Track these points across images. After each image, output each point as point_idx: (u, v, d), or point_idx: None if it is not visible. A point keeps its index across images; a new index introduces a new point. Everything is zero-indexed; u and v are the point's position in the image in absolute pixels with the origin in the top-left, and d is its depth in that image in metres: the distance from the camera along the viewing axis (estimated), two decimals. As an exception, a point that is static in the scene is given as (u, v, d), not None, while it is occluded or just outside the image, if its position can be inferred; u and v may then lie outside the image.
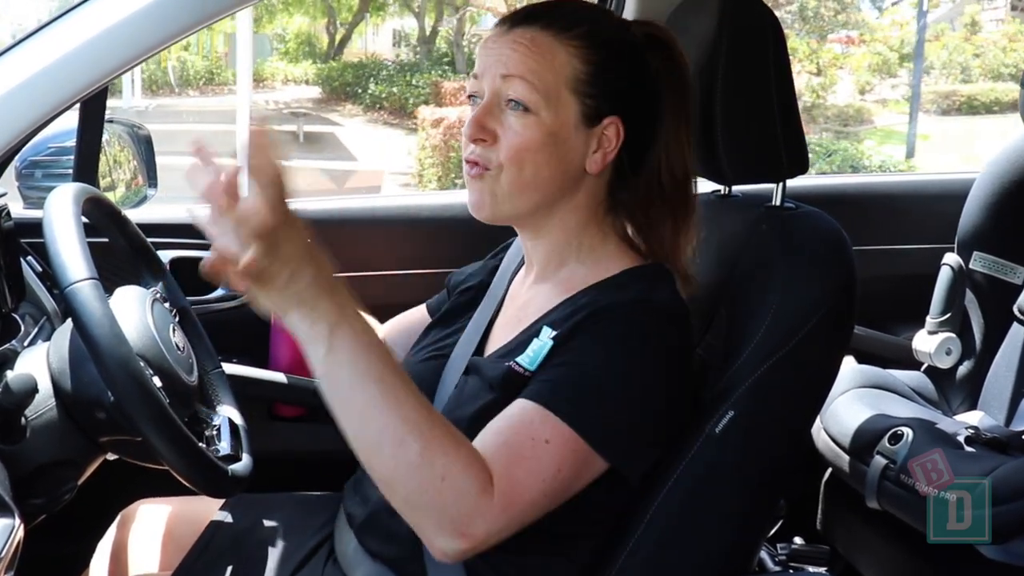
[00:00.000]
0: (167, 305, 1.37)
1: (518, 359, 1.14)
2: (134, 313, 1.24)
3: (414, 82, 16.37)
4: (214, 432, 1.33)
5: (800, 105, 1.37)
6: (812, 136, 12.59)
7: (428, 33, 20.28)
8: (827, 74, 15.35)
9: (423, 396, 1.02)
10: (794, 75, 1.34)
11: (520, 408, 1.07)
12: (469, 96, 1.21)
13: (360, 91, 17.64)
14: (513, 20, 1.19)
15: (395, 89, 16.47)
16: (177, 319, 1.37)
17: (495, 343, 1.26)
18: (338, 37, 22.51)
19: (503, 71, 1.15)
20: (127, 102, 17.71)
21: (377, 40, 25.88)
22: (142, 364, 1.14)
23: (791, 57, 1.37)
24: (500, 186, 1.16)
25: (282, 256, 0.93)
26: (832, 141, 11.55)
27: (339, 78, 18.84)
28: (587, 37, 1.17)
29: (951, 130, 14.51)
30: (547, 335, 1.14)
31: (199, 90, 21.11)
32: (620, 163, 1.20)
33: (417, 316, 1.51)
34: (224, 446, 1.31)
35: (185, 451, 1.12)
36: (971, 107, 15.83)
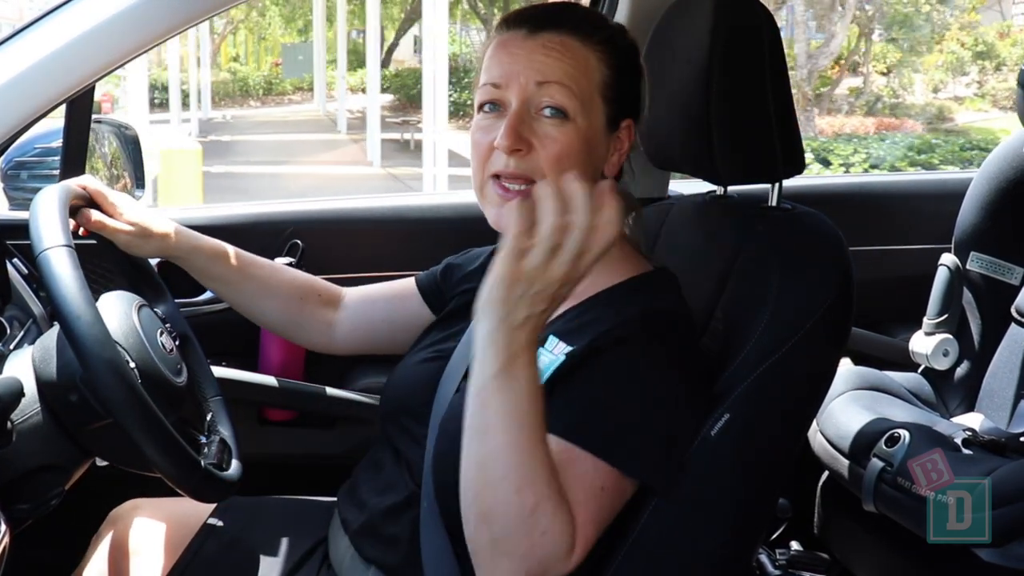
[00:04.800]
0: (168, 326, 1.34)
1: None
2: (119, 311, 1.22)
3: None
4: (203, 439, 1.31)
5: (881, 105, 1.36)
6: (938, 137, 12.38)
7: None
8: (903, 73, 15.38)
9: (549, 452, 1.01)
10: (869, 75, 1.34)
11: (570, 456, 1.06)
12: (483, 105, 1.17)
13: (438, 97, 17.53)
14: (533, 23, 1.16)
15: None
16: (177, 343, 1.34)
17: None
18: (385, 45, 22.72)
19: (538, 78, 1.13)
20: (206, 113, 17.88)
21: (398, 49, 26.10)
22: (126, 358, 1.12)
23: (866, 58, 1.37)
24: None
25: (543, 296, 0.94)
26: (945, 139, 11.55)
27: (415, 85, 18.58)
28: (608, 42, 1.17)
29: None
30: (555, 347, 1.12)
31: (260, 100, 21.23)
32: (627, 165, 1.22)
33: (407, 287, 1.48)
34: (213, 451, 1.29)
35: (165, 443, 1.09)
36: (1049, 102, 15.79)
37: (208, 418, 1.38)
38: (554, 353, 1.12)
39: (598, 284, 1.19)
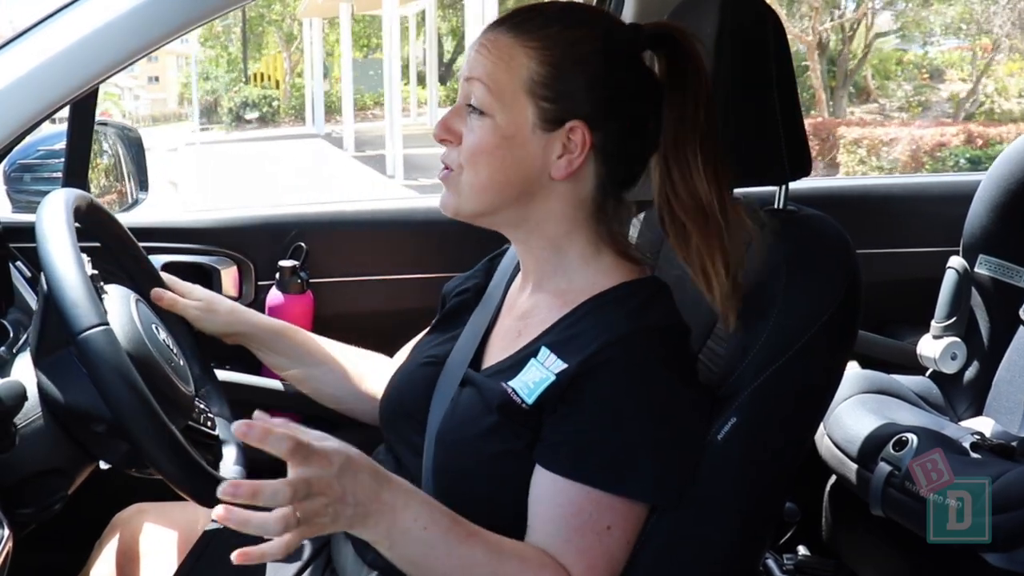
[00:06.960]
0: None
1: (516, 387, 1.13)
2: (117, 301, 1.22)
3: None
4: (210, 441, 1.31)
5: (982, 109, 1.33)
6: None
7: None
8: (995, 80, 15.33)
9: (490, 550, 1.07)
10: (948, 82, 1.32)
11: (569, 496, 1.08)
12: None
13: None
14: (492, 24, 1.19)
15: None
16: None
17: (492, 356, 1.24)
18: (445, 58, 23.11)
19: (467, 74, 1.17)
20: (319, 128, 18.61)
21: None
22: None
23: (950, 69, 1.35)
24: (461, 186, 1.17)
25: (321, 519, 1.01)
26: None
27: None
28: (549, 39, 1.13)
29: None
30: (546, 360, 1.12)
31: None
32: (601, 172, 1.16)
33: None
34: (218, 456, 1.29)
35: (182, 462, 1.09)
36: None
37: (212, 417, 1.38)
38: (546, 366, 1.12)
39: (588, 290, 1.18)
